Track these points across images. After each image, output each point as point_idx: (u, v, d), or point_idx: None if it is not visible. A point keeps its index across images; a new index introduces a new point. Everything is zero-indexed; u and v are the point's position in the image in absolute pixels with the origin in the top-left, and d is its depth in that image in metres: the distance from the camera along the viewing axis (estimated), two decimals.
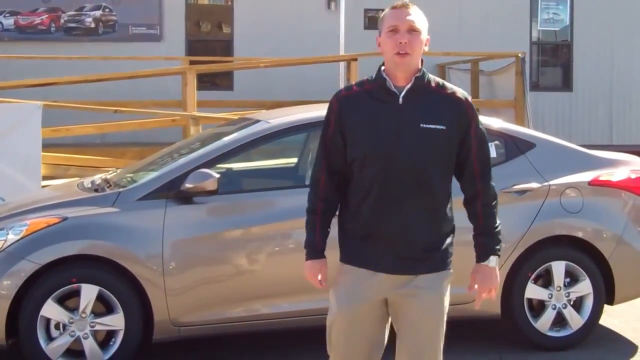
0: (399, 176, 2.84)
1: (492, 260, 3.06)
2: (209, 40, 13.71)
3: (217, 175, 4.48)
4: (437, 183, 2.87)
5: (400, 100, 2.85)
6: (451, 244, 3.01)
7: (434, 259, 2.92)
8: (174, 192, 4.52)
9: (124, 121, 8.90)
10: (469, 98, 2.95)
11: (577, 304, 5.01)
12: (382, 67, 2.91)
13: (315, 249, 3.03)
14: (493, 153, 4.95)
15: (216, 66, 11.28)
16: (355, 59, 10.55)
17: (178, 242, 4.50)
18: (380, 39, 2.91)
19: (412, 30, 2.84)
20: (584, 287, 5.01)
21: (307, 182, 5.23)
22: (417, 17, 2.88)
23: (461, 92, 2.95)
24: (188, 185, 4.47)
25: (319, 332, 4.90)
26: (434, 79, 2.93)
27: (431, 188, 2.87)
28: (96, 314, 4.42)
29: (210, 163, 4.64)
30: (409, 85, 2.86)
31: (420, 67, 2.89)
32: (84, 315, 4.38)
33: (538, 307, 4.98)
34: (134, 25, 12.92)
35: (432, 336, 2.96)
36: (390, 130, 2.83)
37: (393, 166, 2.83)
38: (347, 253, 2.95)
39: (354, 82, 3.17)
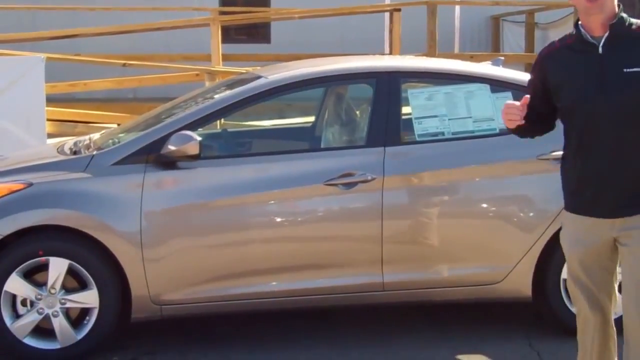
0: (605, 124, 2.91)
1: None
2: None
3: (199, 138, 3.95)
4: None
5: (600, 49, 2.92)
6: None
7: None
8: (154, 156, 4.01)
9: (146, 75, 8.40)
10: None
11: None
12: (579, 20, 2.99)
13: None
14: None
15: (245, 16, 10.63)
16: (399, 10, 9.83)
17: (158, 212, 4.00)
18: None
19: None
20: None
21: (323, 144, 4.73)
22: None
23: None
24: (168, 148, 3.96)
25: (318, 314, 4.49)
26: (637, 22, 2.94)
27: (637, 132, 2.91)
28: (68, 290, 3.98)
29: (196, 124, 4.11)
30: (607, 34, 2.91)
31: (616, 11, 2.92)
32: (53, 291, 3.93)
33: None
34: None
35: None
36: (593, 79, 2.91)
37: (598, 115, 2.91)
38: (567, 202, 3.11)
39: (558, 39, 3.20)
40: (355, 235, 4.16)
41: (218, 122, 4.63)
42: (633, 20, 2.96)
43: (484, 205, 4.24)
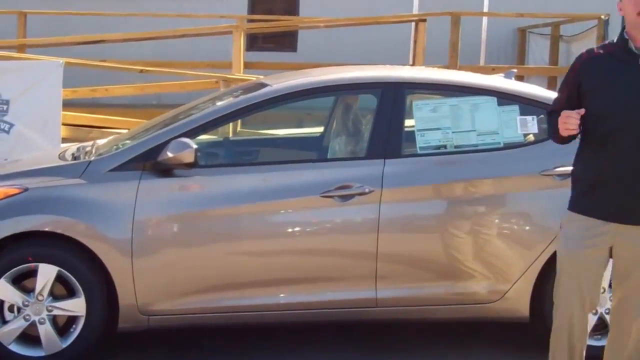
0: (633, 132, 3.02)
1: None
2: None
3: (195, 146, 3.87)
4: None
5: None
6: None
7: None
8: (150, 163, 3.94)
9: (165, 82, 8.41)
10: None
11: None
12: (625, 30, 3.09)
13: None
14: (534, 128, 4.21)
15: (268, 24, 10.59)
16: (424, 20, 9.69)
17: (151, 220, 3.92)
18: (621, 4, 3.09)
19: None
20: None
21: (324, 155, 4.62)
22: None
23: None
24: (164, 156, 3.89)
25: (310, 328, 4.35)
26: None
27: None
28: (56, 297, 3.93)
29: (194, 132, 4.04)
30: None
31: None
32: (40, 298, 3.88)
33: None
34: None
35: None
36: (629, 88, 3.03)
37: (629, 122, 3.03)
38: (576, 202, 3.22)
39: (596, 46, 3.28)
40: (350, 249, 4.05)
41: (217, 130, 4.54)
42: None
43: (484, 221, 4.09)
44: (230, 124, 5.63)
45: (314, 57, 11.20)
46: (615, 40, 3.15)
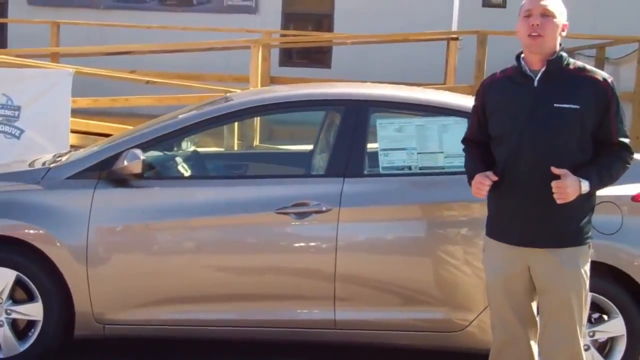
0: (532, 154, 3.03)
1: (584, 182, 3.03)
2: (307, 14, 13.09)
3: (142, 157, 3.92)
4: (567, 160, 3.01)
5: (536, 83, 3.06)
6: (588, 221, 3.14)
7: (561, 234, 3.08)
8: (105, 172, 4.00)
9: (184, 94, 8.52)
10: (610, 80, 3.08)
11: (604, 347, 4.00)
12: (522, 54, 3.13)
13: (477, 172, 3.18)
14: None
15: (290, 40, 10.63)
16: (455, 38, 9.58)
17: (105, 229, 3.97)
18: (517, 25, 3.13)
19: (545, 15, 3.03)
20: (616, 326, 3.98)
21: (291, 171, 4.48)
22: (552, 2, 3.05)
23: (601, 74, 3.09)
24: (116, 166, 3.94)
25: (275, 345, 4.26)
26: (574, 62, 3.12)
27: (562, 165, 2.99)
28: (16, 301, 4.01)
29: (149, 144, 4.08)
30: (543, 68, 3.05)
31: (556, 50, 3.06)
32: None
33: None
34: None
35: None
36: (524, 110, 3.04)
37: (526, 144, 3.03)
38: (489, 227, 3.26)
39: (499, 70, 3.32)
40: (306, 268, 3.99)
41: (176, 142, 4.56)
42: (572, 61, 3.11)
43: (448, 246, 3.97)
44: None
45: (348, 74, 11.17)
46: (515, 64, 3.18)
